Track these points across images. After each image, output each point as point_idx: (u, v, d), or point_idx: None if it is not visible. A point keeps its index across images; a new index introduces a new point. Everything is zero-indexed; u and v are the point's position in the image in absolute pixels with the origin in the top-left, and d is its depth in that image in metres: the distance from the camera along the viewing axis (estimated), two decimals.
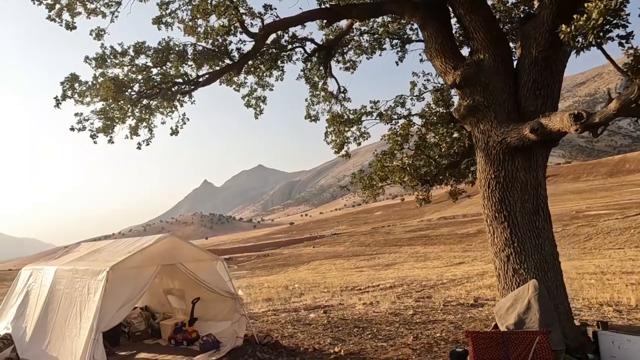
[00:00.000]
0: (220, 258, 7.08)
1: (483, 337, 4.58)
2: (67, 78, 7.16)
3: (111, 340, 7.53)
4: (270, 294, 19.62)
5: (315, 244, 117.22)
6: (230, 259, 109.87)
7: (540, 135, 4.99)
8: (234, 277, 40.99)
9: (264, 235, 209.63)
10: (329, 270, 58.24)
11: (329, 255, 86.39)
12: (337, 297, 16.38)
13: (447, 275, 24.29)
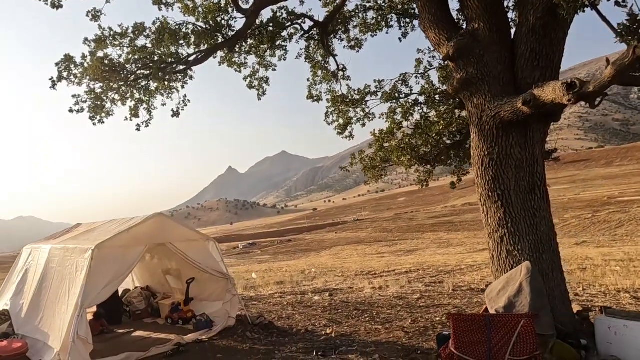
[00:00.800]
0: (212, 238, 7.06)
1: (465, 319, 4.37)
2: (62, 59, 7.18)
3: (113, 319, 7.70)
4: (283, 278, 19.76)
5: (338, 230, 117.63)
6: (254, 244, 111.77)
7: (534, 107, 4.66)
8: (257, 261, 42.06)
9: (288, 221, 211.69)
10: (350, 255, 58.42)
11: (351, 241, 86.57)
12: (349, 281, 16.31)
13: (467, 262, 23.89)
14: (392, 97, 8.16)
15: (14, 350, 5.25)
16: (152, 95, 8.80)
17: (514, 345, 4.07)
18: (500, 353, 4.07)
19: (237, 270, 31.95)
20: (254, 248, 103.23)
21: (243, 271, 30.23)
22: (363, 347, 5.61)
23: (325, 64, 9.39)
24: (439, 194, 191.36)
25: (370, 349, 5.49)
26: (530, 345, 4.03)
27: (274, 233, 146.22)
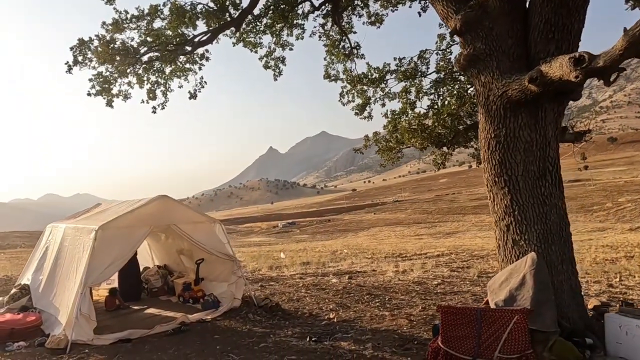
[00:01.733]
0: (218, 220, 7.12)
1: (455, 312, 4.13)
2: (76, 44, 7.34)
3: (133, 295, 8.02)
4: (312, 258, 19.88)
5: (377, 211, 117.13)
6: (293, 224, 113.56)
7: (541, 85, 4.23)
8: (295, 240, 42.76)
9: (327, 201, 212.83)
10: (387, 237, 58.09)
11: (389, 222, 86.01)
12: (375, 264, 16.17)
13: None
14: (407, 76, 7.76)
15: (27, 323, 5.57)
16: (169, 78, 8.89)
17: (504, 342, 3.81)
18: (489, 349, 3.83)
19: (271, 249, 32.56)
20: (293, 227, 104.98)
21: (279, 250, 30.81)
22: (359, 334, 5.49)
23: (340, 42, 9.06)
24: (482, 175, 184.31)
25: (366, 336, 5.37)
26: (521, 343, 3.76)
27: (313, 213, 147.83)
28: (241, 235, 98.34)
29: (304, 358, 4.50)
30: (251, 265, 16.41)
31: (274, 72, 10.10)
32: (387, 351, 4.77)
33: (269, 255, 23.12)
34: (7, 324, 5.45)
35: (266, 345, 5.03)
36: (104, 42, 6.78)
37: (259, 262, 17.64)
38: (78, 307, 5.17)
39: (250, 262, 18.39)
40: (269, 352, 4.74)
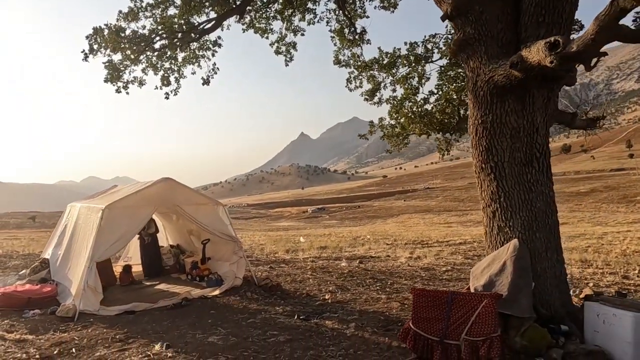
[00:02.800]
0: (221, 203, 7.40)
1: (426, 295, 4.21)
2: (91, 33, 7.71)
3: (153, 272, 8.50)
4: (331, 243, 20.12)
5: (407, 198, 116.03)
6: (323, 209, 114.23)
7: (522, 70, 4.17)
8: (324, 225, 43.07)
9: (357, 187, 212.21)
10: (416, 224, 57.59)
11: (419, 209, 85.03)
12: (392, 250, 16.22)
13: None
14: (411, 62, 7.70)
15: (43, 294, 6.08)
16: (182, 65, 9.19)
17: (471, 325, 3.88)
18: (456, 331, 3.91)
19: (296, 234, 33.01)
20: (323, 213, 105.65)
21: (304, 234, 31.27)
22: (347, 314, 5.66)
23: (345, 28, 9.05)
24: None
25: (353, 317, 5.53)
26: (488, 326, 3.81)
27: (343, 199, 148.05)
28: (271, 219, 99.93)
29: (285, 333, 4.72)
30: (269, 248, 16.83)
31: (285, 57, 10.22)
32: (369, 331, 4.92)
33: (290, 239, 23.54)
34: (25, 293, 5.96)
35: (254, 321, 5.29)
36: (112, 30, 7.08)
37: (277, 246, 18.04)
38: (85, 280, 5.60)
39: (270, 245, 18.84)
40: (254, 327, 5.00)
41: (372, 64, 9.35)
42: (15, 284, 6.57)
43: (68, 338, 4.56)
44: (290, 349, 4.24)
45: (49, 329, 4.92)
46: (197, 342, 4.45)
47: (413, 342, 4.02)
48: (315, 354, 4.11)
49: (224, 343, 4.40)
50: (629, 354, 3.85)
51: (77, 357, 3.99)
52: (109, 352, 4.13)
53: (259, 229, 54.54)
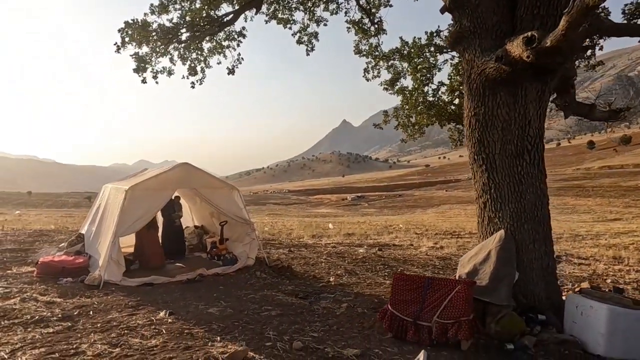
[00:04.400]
0: (236, 187, 7.85)
1: (405, 279, 4.43)
2: (123, 27, 8.30)
3: (178, 251, 9.15)
4: (358, 230, 20.37)
5: (449, 188, 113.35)
6: (362, 197, 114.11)
7: (507, 64, 4.23)
8: (362, 214, 43.30)
9: (398, 176, 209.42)
10: (456, 215, 56.39)
11: (461, 200, 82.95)
12: (418, 239, 16.27)
13: (582, 230, 21.70)
14: (423, 53, 7.73)
15: (75, 264, 6.81)
16: (208, 55, 9.68)
17: (444, 308, 4.07)
18: (429, 314, 4.12)
19: (331, 220, 33.43)
20: (362, 201, 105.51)
21: (340, 222, 31.68)
22: (343, 296, 5.97)
23: (365, 18, 9.15)
24: (572, 154, 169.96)
25: (347, 298, 5.83)
26: (458, 310, 4.00)
27: (383, 187, 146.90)
28: (311, 206, 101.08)
29: (278, 310, 5.10)
30: (296, 233, 17.35)
31: (307, 47, 10.45)
32: (358, 311, 5.21)
33: (320, 225, 23.99)
34: (60, 263, 6.71)
35: (254, 297, 5.72)
36: (138, 25, 7.62)
37: (305, 231, 18.53)
38: (110, 252, 6.24)
39: (298, 230, 19.38)
40: (252, 302, 5.42)
41: (393, 54, 9.42)
42: (54, 254, 7.38)
43: (89, 302, 5.18)
44: (278, 322, 4.61)
45: (76, 294, 5.58)
46: (197, 311, 4.93)
47: (389, 322, 4.28)
48: (299, 327, 4.46)
49: (220, 314, 4.84)
50: (601, 345, 3.93)
51: (92, 318, 4.57)
52: (119, 316, 4.68)
53: (297, 215, 55.53)
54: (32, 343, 3.77)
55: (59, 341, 3.83)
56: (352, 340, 4.14)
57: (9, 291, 5.59)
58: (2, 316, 4.51)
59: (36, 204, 76.03)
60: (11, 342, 3.79)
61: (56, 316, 4.58)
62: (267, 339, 4.06)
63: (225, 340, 3.94)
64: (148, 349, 3.68)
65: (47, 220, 23.75)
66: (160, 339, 3.92)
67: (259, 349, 3.77)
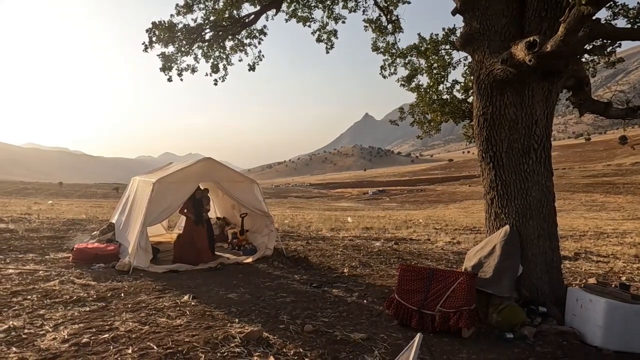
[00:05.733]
0: (256, 181, 8.22)
1: (410, 270, 4.68)
2: (150, 27, 8.73)
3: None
4: (377, 224, 20.59)
5: (472, 183, 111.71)
6: (383, 191, 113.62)
7: (512, 66, 4.40)
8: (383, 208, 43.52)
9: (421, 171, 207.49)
10: (479, 210, 55.71)
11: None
12: (436, 234, 16.38)
13: (609, 228, 21.37)
14: (437, 51, 7.87)
15: (107, 251, 7.32)
16: (230, 53, 10.04)
17: (446, 298, 4.32)
18: (433, 303, 4.37)
19: (352, 214, 33.66)
20: (383, 195, 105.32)
21: (360, 215, 31.95)
22: (355, 286, 6.26)
23: (382, 16, 9.30)
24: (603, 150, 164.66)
25: (359, 288, 6.12)
26: (460, 300, 4.24)
27: (405, 182, 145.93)
28: (332, 200, 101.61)
29: (292, 296, 5.44)
30: (315, 226, 17.70)
31: (326, 45, 10.68)
32: (368, 300, 5.50)
33: (339, 218, 24.28)
34: (93, 250, 7.24)
35: (271, 284, 6.08)
36: (164, 26, 8.02)
37: (324, 224, 18.87)
38: (138, 240, 6.70)
39: (317, 223, 19.73)
40: (269, 289, 5.78)
41: (410, 50, 9.56)
42: (87, 242, 7.93)
43: (120, 286, 5.64)
44: (291, 307, 4.95)
45: (108, 279, 6.05)
46: (218, 296, 5.31)
47: (395, 310, 4.55)
48: (311, 313, 4.78)
49: (239, 299, 5.22)
50: (599, 337, 4.10)
51: (123, 299, 5.01)
52: (147, 298, 5.11)
53: (317, 208, 56.05)
54: (71, 319, 4.22)
55: (94, 318, 4.27)
56: (360, 326, 4.44)
57: (49, 274, 6.12)
58: (44, 296, 5.00)
59: (67, 194, 79.02)
60: (54, 318, 4.25)
61: (91, 297, 5.04)
62: (281, 322, 4.40)
63: (242, 322, 4.30)
64: (173, 327, 4.07)
65: (78, 210, 24.84)
66: (184, 319, 4.31)
67: (273, 330, 4.12)
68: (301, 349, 3.67)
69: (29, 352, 3.40)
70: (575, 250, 11.80)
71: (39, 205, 29.96)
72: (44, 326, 4.01)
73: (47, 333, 3.83)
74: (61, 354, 3.38)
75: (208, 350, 3.51)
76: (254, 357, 3.46)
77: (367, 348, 3.83)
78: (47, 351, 3.43)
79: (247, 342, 3.72)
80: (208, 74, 9.92)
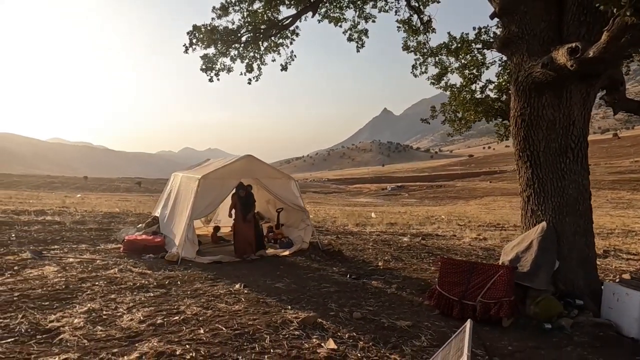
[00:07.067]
0: (293, 177, 8.58)
1: (451, 263, 4.96)
2: (191, 30, 9.15)
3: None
4: (400, 220, 20.77)
5: (493, 179, 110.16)
6: (402, 187, 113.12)
7: (552, 70, 4.60)
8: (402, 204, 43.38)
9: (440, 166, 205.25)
10: (500, 207, 55.16)
11: (506, 192, 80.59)
12: (461, 231, 16.50)
13: (635, 227, 21.08)
14: (470, 50, 8.05)
15: (155, 242, 7.79)
16: (264, 53, 10.41)
17: (487, 290, 4.58)
18: (474, 294, 4.64)
19: (372, 210, 33.85)
20: (402, 191, 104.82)
21: (380, 211, 32.13)
22: (392, 278, 6.57)
23: (414, 15, 9.50)
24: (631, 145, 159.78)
25: (396, 280, 6.42)
26: (501, 292, 4.50)
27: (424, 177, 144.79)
28: (350, 195, 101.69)
29: (335, 287, 5.78)
30: (340, 221, 18.02)
31: (357, 44, 10.95)
32: (407, 292, 5.80)
33: (362, 214, 24.54)
34: (143, 241, 7.72)
35: (313, 275, 6.43)
36: (206, 29, 8.42)
37: (349, 219, 19.17)
38: (186, 233, 7.14)
39: (342, 218, 20.04)
40: (312, 280, 6.13)
41: (441, 49, 9.74)
42: (135, 234, 8.43)
43: (174, 275, 6.07)
44: (337, 297, 5.29)
45: (160, 268, 6.50)
46: (266, 285, 5.69)
47: (437, 301, 4.84)
48: (356, 302, 5.11)
49: (286, 288, 5.58)
50: (634, 329, 4.31)
51: (181, 287, 5.43)
52: (203, 286, 5.52)
53: (337, 203, 56.31)
54: (140, 303, 4.65)
55: (161, 303, 4.69)
56: (404, 315, 4.75)
57: (106, 263, 6.61)
58: (110, 282, 5.46)
59: (92, 188, 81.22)
60: (125, 301, 4.68)
61: (152, 284, 5.48)
62: (329, 309, 4.75)
63: (295, 309, 4.65)
64: (234, 312, 4.46)
65: (108, 204, 25.74)
66: (242, 305, 4.69)
67: (325, 317, 4.46)
68: (354, 333, 3.99)
69: (114, 330, 3.82)
70: (603, 247, 11.81)
71: (70, 199, 31.13)
72: (118, 309, 4.44)
73: (123, 315, 4.25)
74: (142, 332, 3.79)
75: (271, 332, 3.87)
76: (312, 339, 3.80)
77: (414, 334, 4.13)
78: (129, 330, 3.85)
79: (304, 326, 4.06)
80: (243, 73, 10.31)
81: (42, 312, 4.21)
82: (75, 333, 3.69)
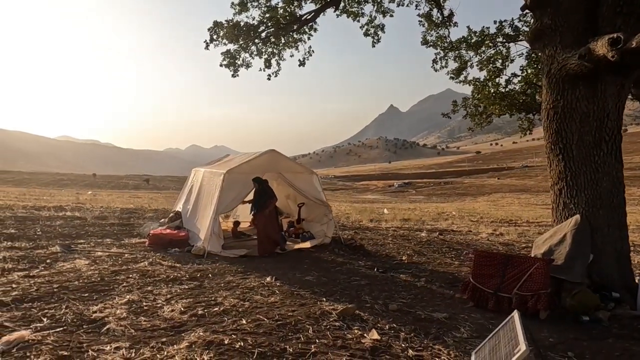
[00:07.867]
0: (315, 172, 8.60)
1: (486, 255, 4.95)
2: (212, 26, 9.19)
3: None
4: (413, 216, 20.74)
5: (501, 176, 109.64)
6: (409, 184, 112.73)
7: (589, 61, 4.56)
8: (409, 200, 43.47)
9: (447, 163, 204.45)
10: (509, 204, 54.92)
11: (514, 188, 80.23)
12: (475, 226, 16.46)
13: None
14: (495, 44, 8.00)
15: (180, 237, 7.86)
16: (282, 49, 10.43)
17: (523, 282, 4.58)
18: (510, 287, 4.64)
19: (381, 206, 33.81)
20: (409, 188, 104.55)
21: (388, 207, 32.11)
22: (419, 272, 6.58)
23: (435, 9, 9.46)
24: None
25: (424, 274, 6.43)
26: (537, 284, 4.49)
27: (431, 174, 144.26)
28: (357, 192, 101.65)
29: (365, 280, 5.80)
30: (354, 217, 18.03)
31: (373, 39, 10.93)
32: (437, 285, 5.81)
33: (374, 210, 24.54)
34: (168, 235, 7.79)
35: (340, 269, 6.46)
36: (229, 25, 8.45)
37: (362, 215, 19.18)
38: (211, 227, 7.19)
39: (355, 214, 20.05)
40: (340, 273, 6.16)
41: (460, 43, 9.70)
42: (159, 228, 8.50)
43: (204, 268, 6.12)
44: (369, 289, 5.31)
45: (188, 262, 6.56)
46: (296, 278, 5.72)
47: (471, 293, 4.84)
48: (388, 295, 5.13)
49: (317, 281, 5.61)
50: None
51: (213, 279, 5.48)
52: (234, 278, 5.57)
53: (344, 200, 56.30)
54: (177, 295, 4.70)
55: (197, 295, 4.73)
56: (438, 307, 4.76)
57: (135, 257, 6.68)
58: (142, 275, 5.52)
59: (101, 185, 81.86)
60: (162, 293, 4.74)
61: (184, 277, 5.53)
62: (364, 301, 4.76)
63: (330, 301, 4.68)
64: (271, 303, 4.49)
65: (121, 200, 25.96)
66: (277, 297, 4.73)
67: (361, 308, 4.47)
68: (394, 325, 4.01)
69: (157, 321, 3.86)
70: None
71: (83, 196, 31.42)
72: (157, 300, 4.49)
73: (163, 306, 4.30)
74: (186, 323, 3.84)
75: (312, 323, 3.90)
76: (353, 329, 3.82)
77: (452, 326, 4.14)
78: (172, 320, 3.89)
79: (344, 317, 4.09)
80: (262, 69, 10.34)
81: (83, 303, 4.27)
82: (121, 323, 3.74)
